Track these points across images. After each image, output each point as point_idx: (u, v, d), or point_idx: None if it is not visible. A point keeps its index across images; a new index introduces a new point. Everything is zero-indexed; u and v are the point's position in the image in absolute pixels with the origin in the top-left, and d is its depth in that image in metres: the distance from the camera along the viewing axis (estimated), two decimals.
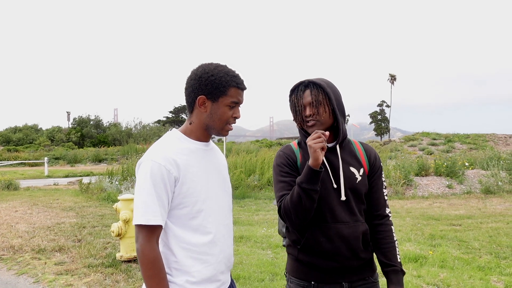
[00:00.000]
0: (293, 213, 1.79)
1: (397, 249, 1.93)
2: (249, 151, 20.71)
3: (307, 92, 1.89)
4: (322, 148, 1.72)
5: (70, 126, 78.04)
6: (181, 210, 1.67)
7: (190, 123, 1.78)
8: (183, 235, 1.68)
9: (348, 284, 1.90)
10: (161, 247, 1.67)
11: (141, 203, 1.59)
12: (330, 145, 1.93)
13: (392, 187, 12.35)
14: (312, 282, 1.90)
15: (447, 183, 12.85)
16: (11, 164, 33.25)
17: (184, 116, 73.33)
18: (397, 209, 9.81)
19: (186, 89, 1.75)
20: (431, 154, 26.47)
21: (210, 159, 1.81)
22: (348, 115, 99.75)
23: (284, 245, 2.08)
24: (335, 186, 1.87)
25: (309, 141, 1.72)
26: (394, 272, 1.89)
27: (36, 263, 5.65)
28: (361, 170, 1.94)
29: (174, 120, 72.48)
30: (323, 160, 1.83)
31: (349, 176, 1.90)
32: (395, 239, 1.95)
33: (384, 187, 2.01)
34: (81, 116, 78.38)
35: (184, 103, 1.88)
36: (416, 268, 5.20)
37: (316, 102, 1.87)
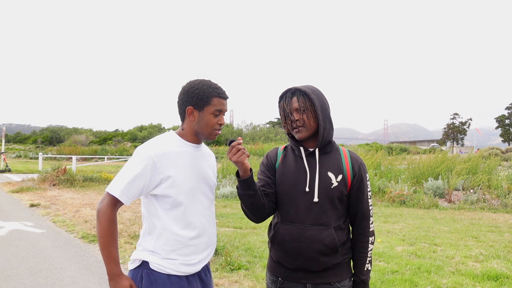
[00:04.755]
0: (245, 210, 2.01)
1: (367, 259, 2.02)
2: None
3: (294, 98, 2.02)
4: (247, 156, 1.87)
5: None
6: (168, 198, 1.94)
7: (182, 129, 2.05)
8: (168, 222, 1.95)
9: (311, 286, 1.98)
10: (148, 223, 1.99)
11: (121, 179, 1.89)
12: (311, 149, 2.04)
13: (500, 199, 11.27)
14: (279, 278, 2.03)
15: None
16: None
17: None
18: (499, 223, 8.93)
19: (177, 102, 2.04)
20: None
21: (198, 159, 2.06)
22: (470, 119, 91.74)
23: None
24: (307, 189, 1.97)
25: (231, 158, 1.85)
26: (355, 282, 2.04)
27: (127, 247, 6.43)
28: (340, 177, 2.00)
29: None
30: (303, 163, 2.01)
31: (325, 180, 1.98)
32: (368, 250, 2.02)
33: (368, 197, 2.04)
34: None
35: None
36: (492, 287, 4.81)
37: (302, 109, 1.99)
